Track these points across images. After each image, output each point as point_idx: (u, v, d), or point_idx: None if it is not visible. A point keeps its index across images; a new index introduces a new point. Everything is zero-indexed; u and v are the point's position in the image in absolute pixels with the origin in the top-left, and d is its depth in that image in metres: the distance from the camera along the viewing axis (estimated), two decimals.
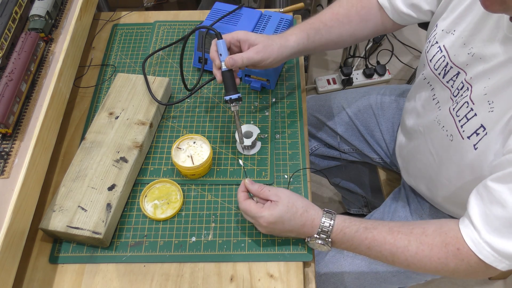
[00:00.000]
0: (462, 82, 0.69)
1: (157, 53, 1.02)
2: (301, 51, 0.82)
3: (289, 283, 0.72)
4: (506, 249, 0.58)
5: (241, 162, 0.81)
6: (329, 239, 0.70)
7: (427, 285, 1.46)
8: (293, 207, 0.70)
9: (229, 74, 0.78)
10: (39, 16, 0.88)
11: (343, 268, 0.91)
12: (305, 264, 0.76)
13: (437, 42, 0.75)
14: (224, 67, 0.77)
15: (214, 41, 0.78)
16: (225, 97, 0.78)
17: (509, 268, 0.60)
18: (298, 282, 0.72)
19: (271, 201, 0.71)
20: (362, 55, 2.04)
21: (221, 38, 0.78)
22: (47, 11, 0.89)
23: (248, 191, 0.74)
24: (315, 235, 0.70)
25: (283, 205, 0.69)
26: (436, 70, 0.75)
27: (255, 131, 0.86)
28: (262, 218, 0.69)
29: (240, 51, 0.79)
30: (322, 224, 0.69)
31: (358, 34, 0.86)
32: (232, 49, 0.80)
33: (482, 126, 0.64)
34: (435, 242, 0.64)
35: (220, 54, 0.77)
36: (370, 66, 2.00)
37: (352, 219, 0.71)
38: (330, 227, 0.69)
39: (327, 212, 0.71)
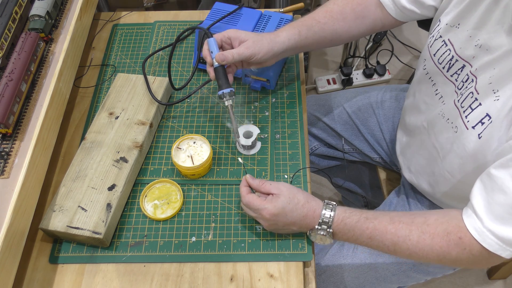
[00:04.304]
0: (467, 75, 0.70)
1: (157, 53, 1.02)
2: (294, 48, 0.82)
3: (289, 283, 0.72)
4: (510, 236, 0.59)
5: (240, 160, 0.81)
6: (330, 230, 0.70)
7: (427, 284, 1.46)
8: (295, 198, 0.71)
9: (221, 70, 0.79)
10: (39, 16, 0.88)
11: (343, 267, 0.91)
12: (305, 264, 0.76)
13: (441, 36, 0.75)
14: (215, 64, 0.78)
15: (206, 41, 0.80)
16: (218, 92, 0.79)
17: None
18: (298, 282, 0.72)
19: (272, 194, 0.72)
20: (362, 55, 2.04)
21: (212, 37, 0.80)
22: (47, 11, 0.89)
23: (249, 187, 0.75)
24: (316, 226, 0.70)
25: (285, 197, 0.70)
26: (440, 64, 0.76)
27: (255, 131, 0.86)
28: (265, 210, 0.70)
29: (232, 48, 0.80)
30: (323, 215, 0.70)
31: (354, 31, 0.86)
32: (224, 47, 0.81)
33: (487, 115, 0.64)
34: (437, 231, 0.65)
35: (212, 52, 0.79)
36: (370, 66, 2.00)
37: (353, 209, 0.71)
38: (331, 217, 0.70)
39: (327, 204, 0.71)
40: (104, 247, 0.76)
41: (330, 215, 0.70)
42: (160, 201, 0.80)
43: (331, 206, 0.71)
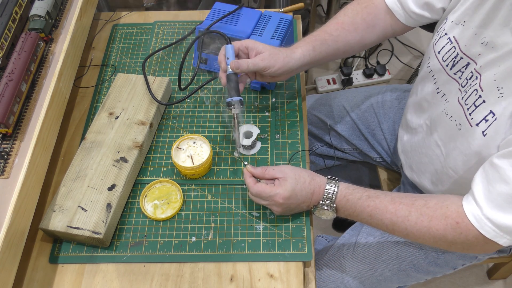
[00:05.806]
0: (471, 72, 0.70)
1: (157, 53, 1.02)
2: (309, 63, 0.83)
3: (289, 283, 0.72)
4: (508, 224, 0.60)
5: (236, 154, 0.83)
6: (334, 205, 0.73)
7: (427, 284, 1.46)
8: (301, 177, 0.73)
9: (233, 77, 0.79)
10: (39, 16, 0.88)
11: (343, 267, 0.91)
12: (305, 264, 0.76)
13: (446, 34, 0.76)
14: (229, 70, 0.79)
15: (223, 46, 0.81)
16: (227, 99, 0.79)
17: (510, 244, 0.62)
18: (298, 282, 0.73)
19: (278, 179, 0.73)
20: (362, 55, 2.04)
21: (230, 43, 0.80)
22: (47, 11, 0.89)
23: (254, 177, 0.76)
24: (321, 202, 0.73)
25: (292, 178, 0.73)
26: (444, 61, 0.76)
27: (255, 131, 0.87)
28: (278, 195, 0.72)
29: (248, 58, 0.81)
30: (327, 191, 0.73)
31: (365, 40, 0.87)
32: (240, 56, 0.82)
33: (491, 112, 0.65)
34: (436, 214, 0.66)
35: (227, 58, 0.79)
36: (370, 66, 2.00)
37: (356, 187, 0.74)
38: (335, 193, 0.73)
39: (331, 179, 0.74)
40: (104, 247, 0.76)
41: (334, 190, 0.73)
42: (160, 201, 0.80)
43: (334, 181, 0.74)
